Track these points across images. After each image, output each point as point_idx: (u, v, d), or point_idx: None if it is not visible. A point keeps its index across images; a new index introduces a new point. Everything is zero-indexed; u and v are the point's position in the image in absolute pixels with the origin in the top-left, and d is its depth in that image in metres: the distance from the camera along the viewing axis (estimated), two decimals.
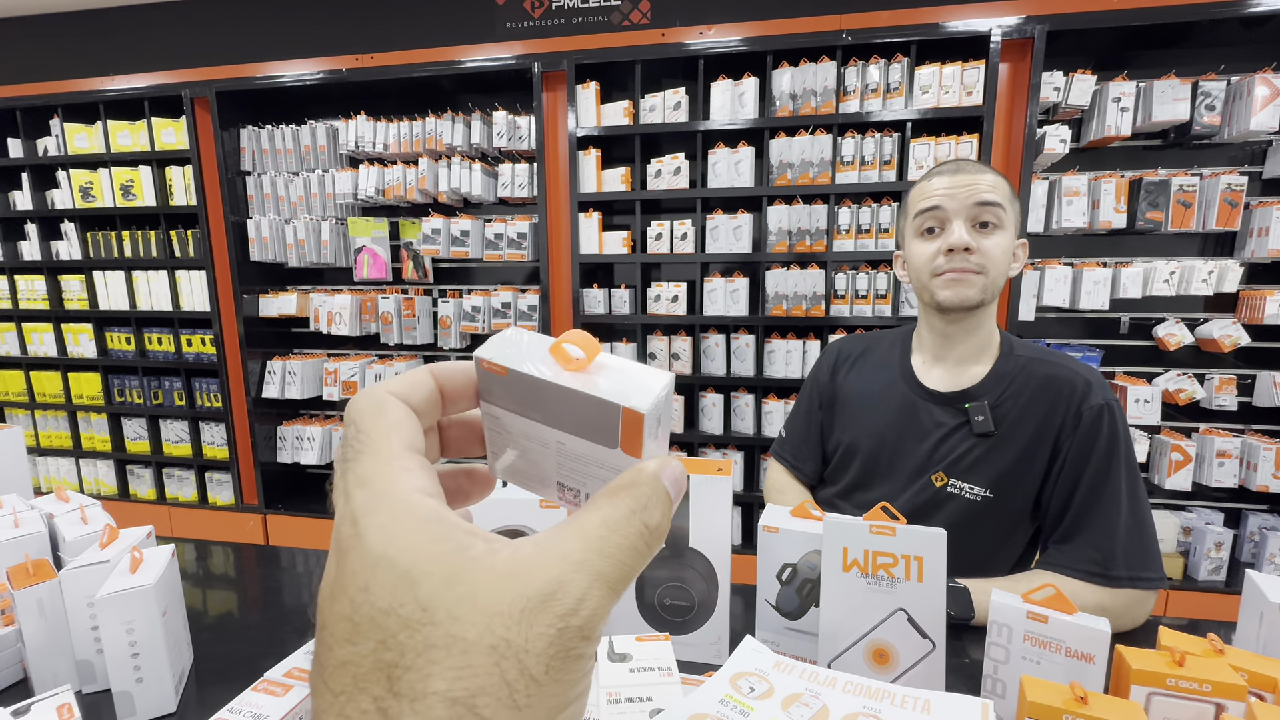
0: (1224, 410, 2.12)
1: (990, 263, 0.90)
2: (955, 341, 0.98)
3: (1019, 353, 0.97)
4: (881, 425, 1.03)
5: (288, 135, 2.58)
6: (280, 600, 1.09)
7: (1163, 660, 0.53)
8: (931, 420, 0.98)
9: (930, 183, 0.94)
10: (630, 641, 0.64)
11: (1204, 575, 2.12)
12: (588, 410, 0.23)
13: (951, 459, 0.95)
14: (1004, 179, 0.93)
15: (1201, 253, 2.17)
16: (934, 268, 0.93)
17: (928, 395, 1.00)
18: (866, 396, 1.06)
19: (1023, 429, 0.92)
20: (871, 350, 1.12)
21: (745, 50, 2.16)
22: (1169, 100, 1.97)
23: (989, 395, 0.95)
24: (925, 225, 0.94)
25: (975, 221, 0.90)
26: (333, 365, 2.66)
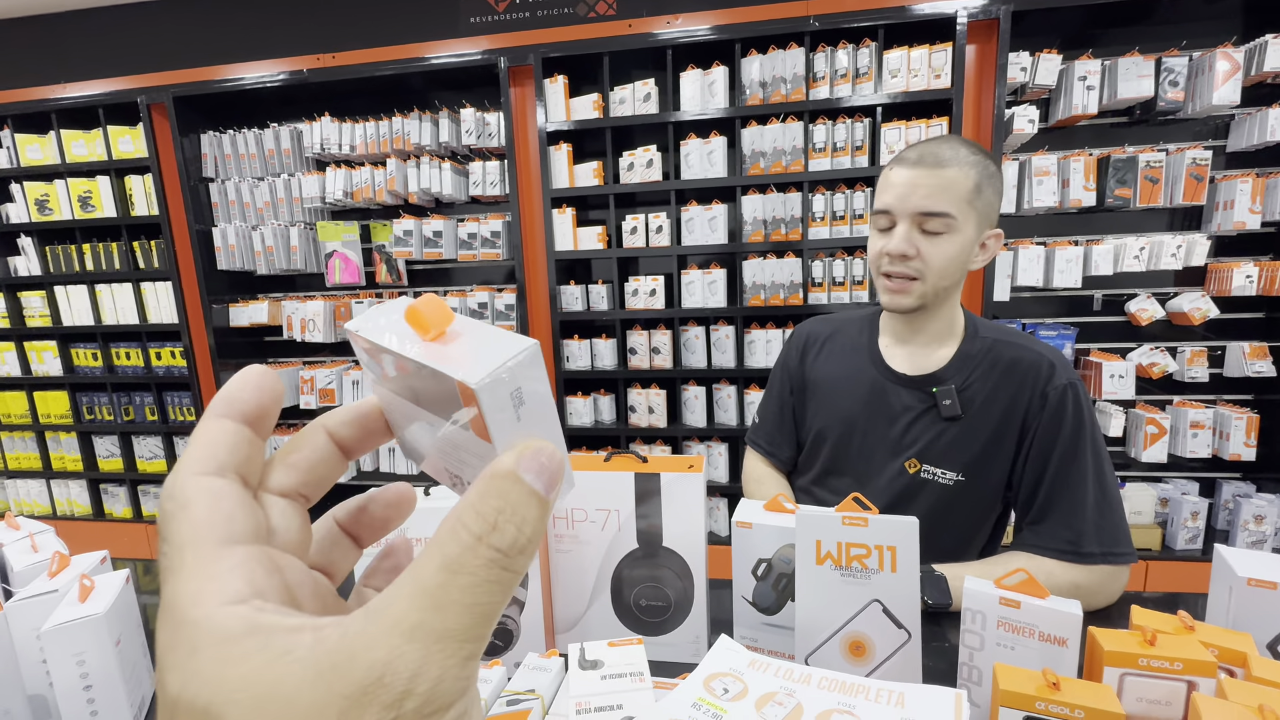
0: (1196, 382, 2.15)
1: (929, 269, 0.90)
2: (916, 328, 0.99)
3: (984, 334, 0.97)
4: (851, 409, 1.02)
5: (250, 139, 2.52)
6: None
7: (1134, 640, 0.52)
8: (900, 404, 0.98)
9: (891, 173, 0.93)
10: (602, 647, 0.62)
11: (1181, 545, 2.15)
12: (432, 385, 0.20)
13: (922, 444, 0.96)
14: (973, 170, 0.89)
15: (1170, 228, 2.19)
16: (878, 265, 0.95)
17: (895, 378, 1.00)
18: (836, 380, 1.06)
19: (990, 412, 0.93)
20: (840, 332, 1.10)
21: (713, 39, 2.14)
22: (1133, 77, 1.98)
23: (955, 378, 0.95)
24: (879, 224, 0.95)
25: (921, 227, 0.90)
26: (308, 373, 2.61)
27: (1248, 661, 0.50)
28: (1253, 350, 2.10)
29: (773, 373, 1.19)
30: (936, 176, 0.87)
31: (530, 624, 0.77)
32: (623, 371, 2.40)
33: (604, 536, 0.77)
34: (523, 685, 0.60)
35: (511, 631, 0.77)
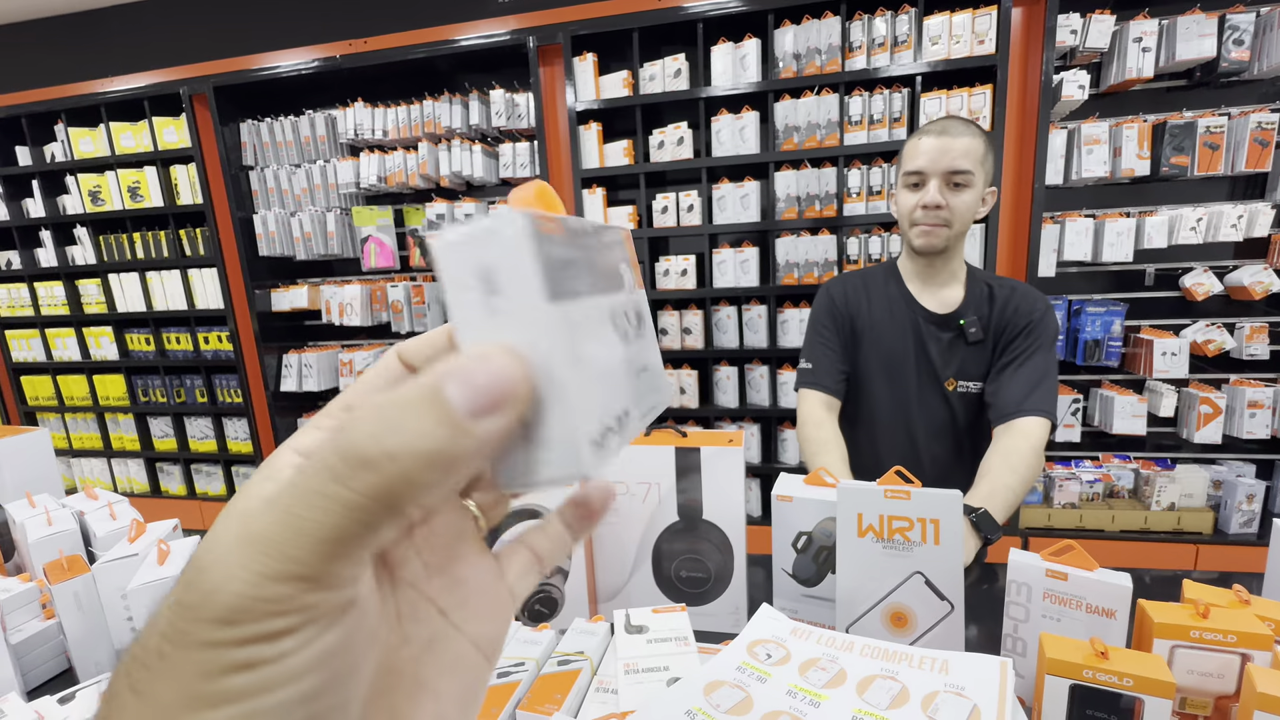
0: (1255, 360, 2.05)
1: (955, 217, 1.13)
2: (936, 269, 1.21)
3: (979, 278, 1.23)
4: (899, 346, 1.23)
5: (287, 127, 2.57)
6: None
7: (1186, 613, 0.51)
8: (934, 337, 1.21)
9: (920, 141, 1.13)
10: (647, 614, 0.64)
11: (1235, 528, 2.08)
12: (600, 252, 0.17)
13: (956, 366, 1.20)
14: (981, 140, 1.12)
15: (1230, 197, 2.08)
16: (913, 218, 1.16)
17: (928, 317, 1.22)
18: (882, 323, 1.24)
19: (996, 333, 1.19)
20: (869, 284, 1.28)
21: (746, 10, 2.09)
22: (1194, 37, 1.87)
23: (972, 311, 1.20)
24: (911, 181, 1.15)
25: (949, 182, 1.11)
26: (347, 356, 2.69)
27: None
28: None
29: (811, 323, 1.32)
30: (959, 143, 1.09)
31: (574, 593, 0.79)
32: None
33: (645, 509, 0.79)
34: (572, 647, 0.63)
35: (556, 600, 0.79)
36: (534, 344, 0.15)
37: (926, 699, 0.50)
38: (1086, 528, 2.17)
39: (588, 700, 0.58)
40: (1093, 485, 2.20)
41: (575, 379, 0.16)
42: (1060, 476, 2.20)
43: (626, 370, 0.18)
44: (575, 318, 0.17)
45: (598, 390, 0.17)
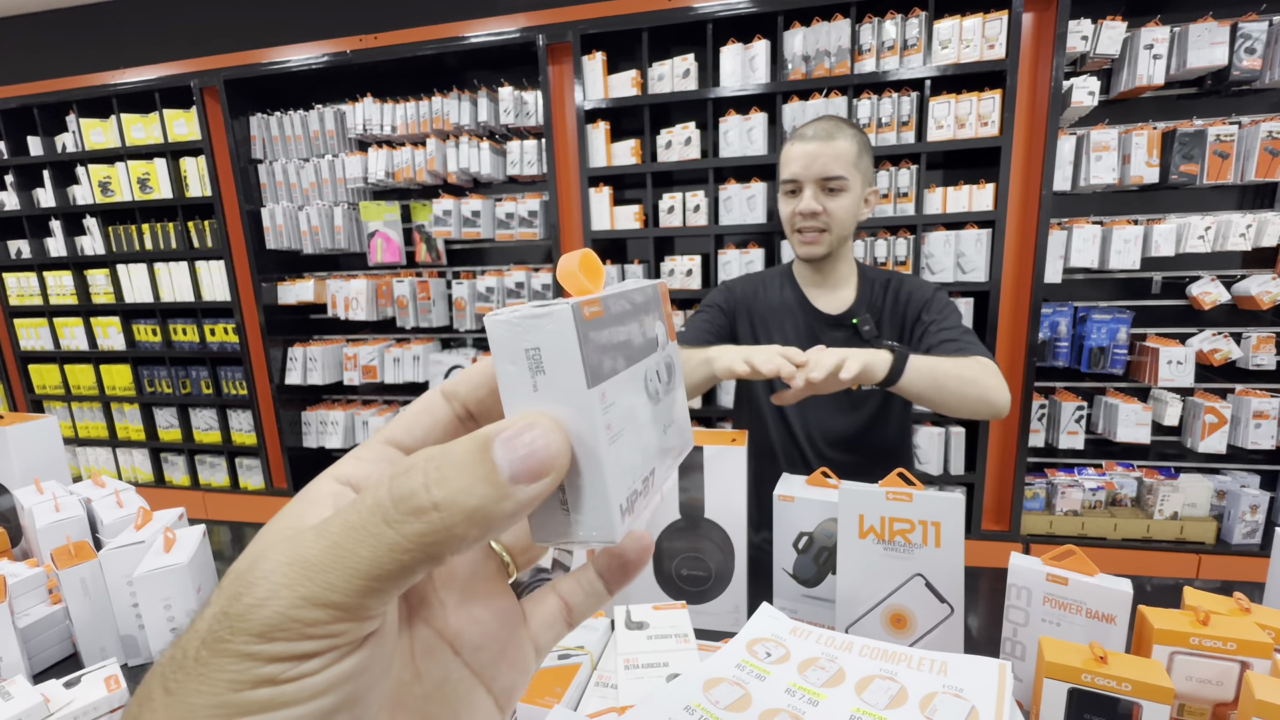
0: (1262, 370, 2.04)
1: (834, 222, 1.13)
2: (826, 273, 1.23)
3: (870, 275, 1.25)
4: (793, 346, 1.19)
5: (296, 121, 2.59)
6: None
7: (1186, 620, 0.51)
8: (828, 337, 1.21)
9: (793, 148, 1.13)
10: (647, 610, 0.64)
11: (1239, 539, 2.07)
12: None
13: None
14: (856, 142, 1.12)
15: (1239, 206, 2.07)
16: (793, 224, 1.17)
17: (821, 319, 1.22)
18: (776, 327, 1.24)
19: (893, 325, 1.20)
20: (766, 286, 1.28)
21: (755, 11, 2.09)
22: (1205, 45, 1.86)
23: (865, 309, 1.21)
24: (788, 189, 1.16)
25: (824, 188, 1.12)
26: (352, 350, 2.70)
27: None
28: None
29: (704, 310, 1.29)
30: (830, 148, 1.10)
31: None
32: None
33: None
34: (572, 641, 0.63)
35: None
36: (573, 421, 0.17)
37: (925, 700, 0.50)
38: (1089, 535, 2.16)
39: (587, 694, 0.58)
40: (1095, 493, 2.19)
41: (609, 454, 0.18)
42: (1063, 484, 2.20)
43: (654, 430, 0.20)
44: (611, 396, 0.18)
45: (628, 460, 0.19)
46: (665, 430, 0.20)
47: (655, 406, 0.20)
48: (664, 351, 0.22)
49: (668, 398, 0.21)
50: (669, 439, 0.20)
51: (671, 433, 0.20)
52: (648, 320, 0.21)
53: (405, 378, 2.65)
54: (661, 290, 0.23)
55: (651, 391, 0.20)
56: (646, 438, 0.19)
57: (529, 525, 0.19)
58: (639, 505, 0.19)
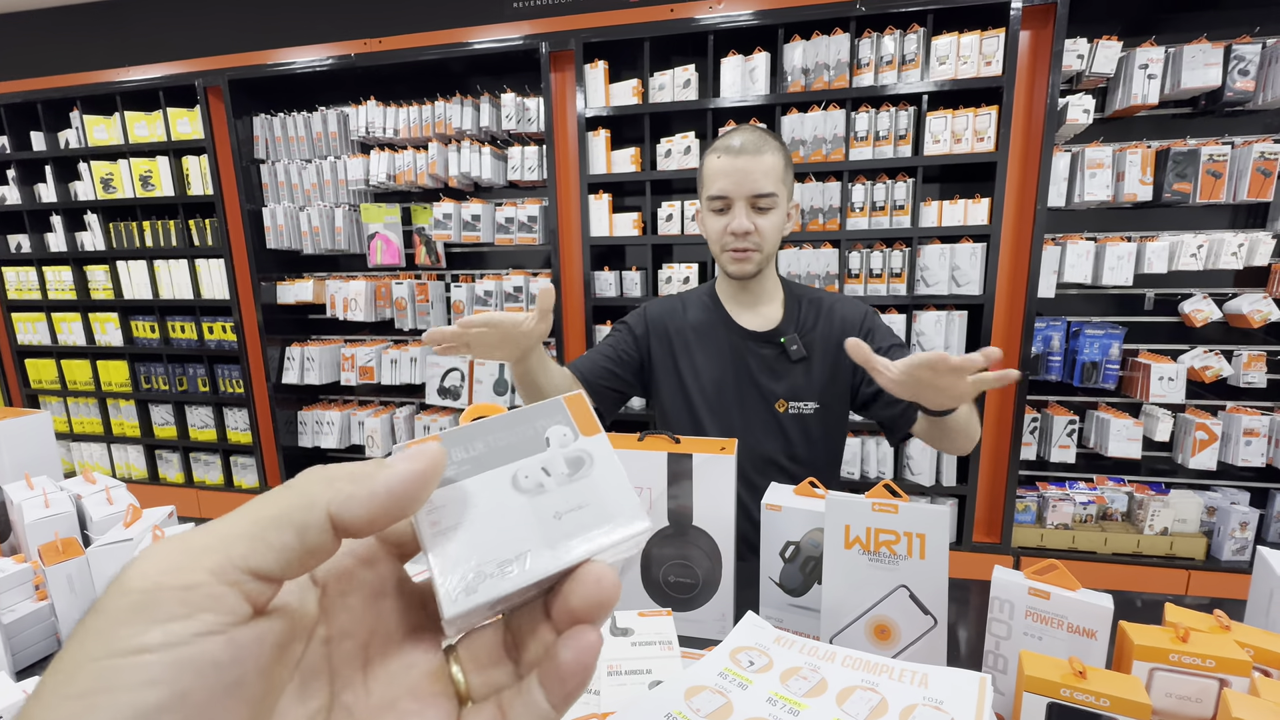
0: (1252, 388, 2.06)
1: (765, 240, 1.10)
2: (752, 291, 1.19)
3: (797, 292, 1.21)
4: (720, 370, 1.18)
5: (299, 122, 2.60)
6: None
7: (1166, 636, 0.52)
8: (756, 357, 1.16)
9: (720, 161, 1.08)
10: (632, 617, 0.65)
11: (1228, 555, 2.08)
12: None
13: (784, 386, 1.15)
14: (781, 154, 1.08)
15: (1231, 225, 2.09)
16: (723, 243, 1.12)
17: (748, 336, 1.18)
18: (699, 348, 1.20)
19: (825, 348, 1.15)
20: (687, 307, 1.24)
21: (756, 24, 2.11)
22: (1199, 65, 1.89)
23: (792, 327, 1.17)
24: (715, 206, 1.11)
25: (754, 205, 1.08)
26: (349, 351, 2.70)
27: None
28: None
29: (613, 333, 1.25)
30: (759, 162, 1.05)
31: None
32: None
33: None
34: None
35: None
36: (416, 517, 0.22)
37: (905, 711, 0.50)
38: (1079, 549, 2.17)
39: None
40: (1086, 507, 2.20)
41: (432, 543, 0.21)
42: (1054, 497, 2.20)
43: (529, 520, 0.22)
44: (441, 499, 0.22)
45: (464, 548, 0.21)
46: (559, 518, 0.23)
47: (535, 498, 0.23)
48: (562, 449, 0.25)
49: (564, 488, 0.24)
50: (566, 525, 0.22)
51: (576, 518, 0.23)
52: (536, 427, 0.25)
53: (402, 379, 2.65)
54: (571, 401, 0.26)
55: (527, 486, 0.23)
56: (511, 526, 0.22)
57: None
58: (484, 587, 0.21)
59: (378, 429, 2.70)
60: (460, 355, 0.95)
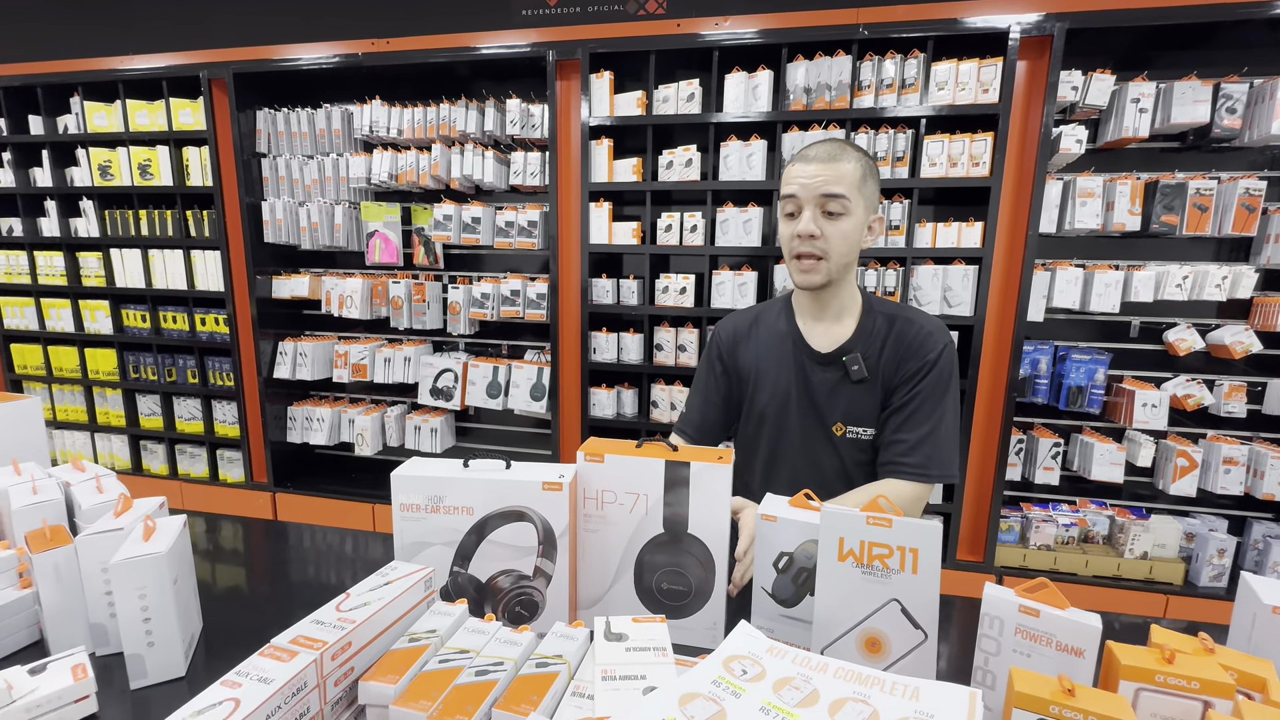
0: (1232, 417, 2.10)
1: (832, 248, 1.06)
2: (824, 304, 1.15)
3: (878, 309, 1.15)
4: (786, 389, 1.16)
5: (303, 118, 2.60)
6: (287, 574, 1.12)
7: (1152, 657, 0.53)
8: (820, 379, 1.14)
9: (793, 168, 1.07)
10: (627, 622, 0.65)
11: (1205, 581, 2.11)
12: None
13: (843, 409, 1.12)
14: (860, 164, 1.05)
15: (1216, 257, 2.14)
16: (791, 249, 1.09)
17: (814, 357, 1.14)
18: (767, 365, 1.18)
19: (887, 372, 1.10)
20: (760, 321, 1.23)
21: (760, 42, 2.15)
22: (1189, 102, 1.94)
23: (860, 347, 1.12)
24: (786, 209, 1.09)
25: (824, 209, 1.04)
26: (343, 348, 2.69)
27: (1267, 687, 0.51)
28: None
29: (699, 370, 1.28)
30: (833, 169, 1.03)
31: (556, 597, 0.80)
32: (647, 367, 2.43)
33: (631, 519, 0.80)
34: (550, 650, 0.64)
35: (537, 603, 0.80)
36: None
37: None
38: (1060, 570, 2.19)
39: (563, 704, 0.59)
40: (1069, 529, 2.23)
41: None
42: (1038, 518, 2.23)
43: None
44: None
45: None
46: None
47: None
48: None
49: None
50: None
51: None
52: None
53: (395, 378, 2.64)
54: None
55: None
56: None
57: None
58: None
59: (368, 427, 2.69)
60: None
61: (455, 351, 2.72)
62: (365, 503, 2.68)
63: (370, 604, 0.66)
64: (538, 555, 0.79)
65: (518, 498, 0.79)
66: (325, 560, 1.17)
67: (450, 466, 0.83)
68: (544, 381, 2.50)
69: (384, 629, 0.67)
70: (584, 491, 0.81)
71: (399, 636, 0.67)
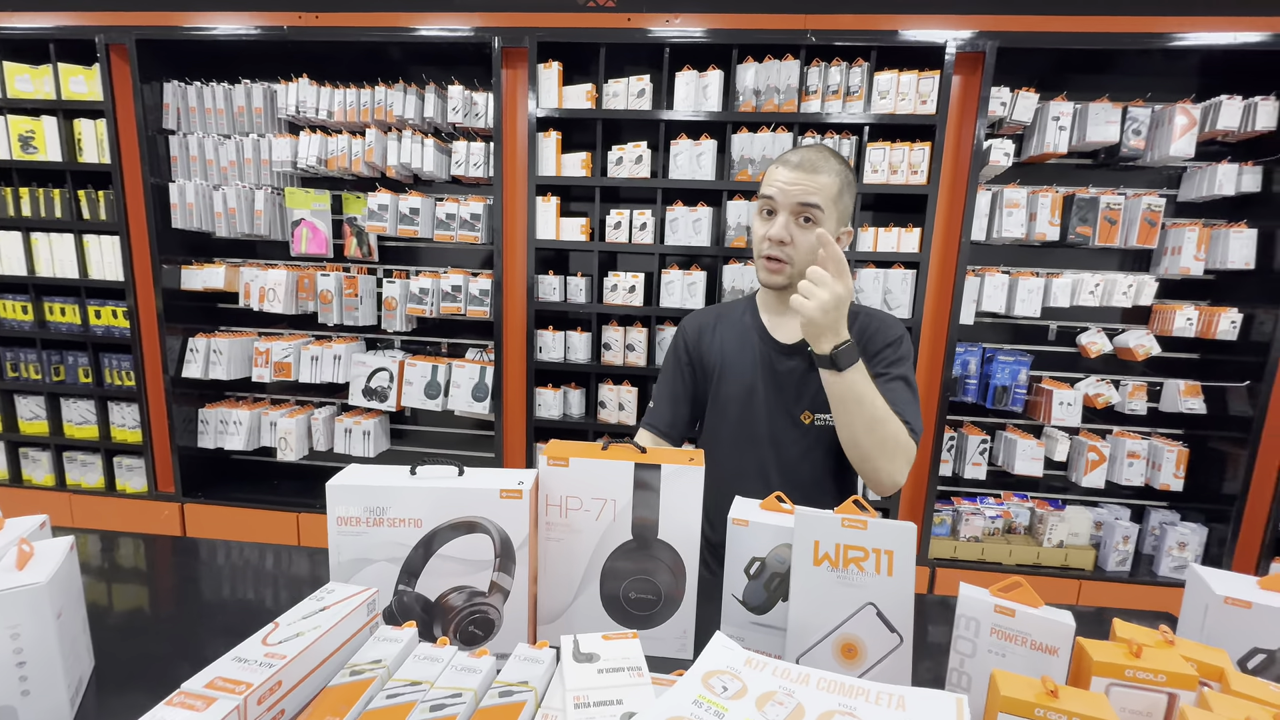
0: (1135, 414, 2.28)
1: (798, 255, 1.09)
2: (787, 301, 1.14)
3: None
4: (750, 380, 1.19)
5: (219, 94, 2.38)
6: (200, 599, 0.99)
7: (1121, 652, 0.54)
8: (786, 369, 1.17)
9: (775, 171, 1.10)
10: (596, 640, 0.61)
11: (1112, 566, 2.29)
12: None
13: (809, 398, 1.15)
14: (839, 177, 1.08)
15: (1121, 267, 2.33)
16: (760, 249, 1.13)
17: (779, 348, 1.18)
18: (732, 357, 1.21)
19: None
20: (725, 316, 1.27)
21: (711, 42, 2.14)
22: (1102, 122, 2.09)
23: None
24: (763, 209, 1.12)
25: (798, 217, 1.08)
26: (264, 345, 2.48)
27: (1225, 676, 0.53)
28: (1187, 388, 2.25)
29: (665, 364, 1.31)
30: (812, 179, 1.06)
31: (514, 614, 0.74)
32: (595, 366, 2.38)
33: (598, 526, 0.76)
34: (514, 676, 0.58)
35: (493, 621, 0.74)
36: None
37: None
38: (987, 560, 2.32)
39: None
40: (994, 521, 2.36)
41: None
42: (966, 511, 2.35)
43: None
44: None
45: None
46: None
47: None
48: None
49: None
50: None
51: None
52: None
53: (324, 378, 2.47)
54: None
55: None
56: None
57: None
58: None
59: (293, 430, 2.49)
60: None
61: (390, 350, 2.57)
62: (289, 512, 2.49)
63: (303, 634, 0.59)
64: (494, 569, 0.73)
65: (472, 507, 0.73)
66: (244, 581, 1.06)
67: (394, 474, 0.76)
68: (487, 381, 2.40)
69: (320, 662, 0.60)
70: (546, 498, 0.76)
71: (338, 669, 0.59)
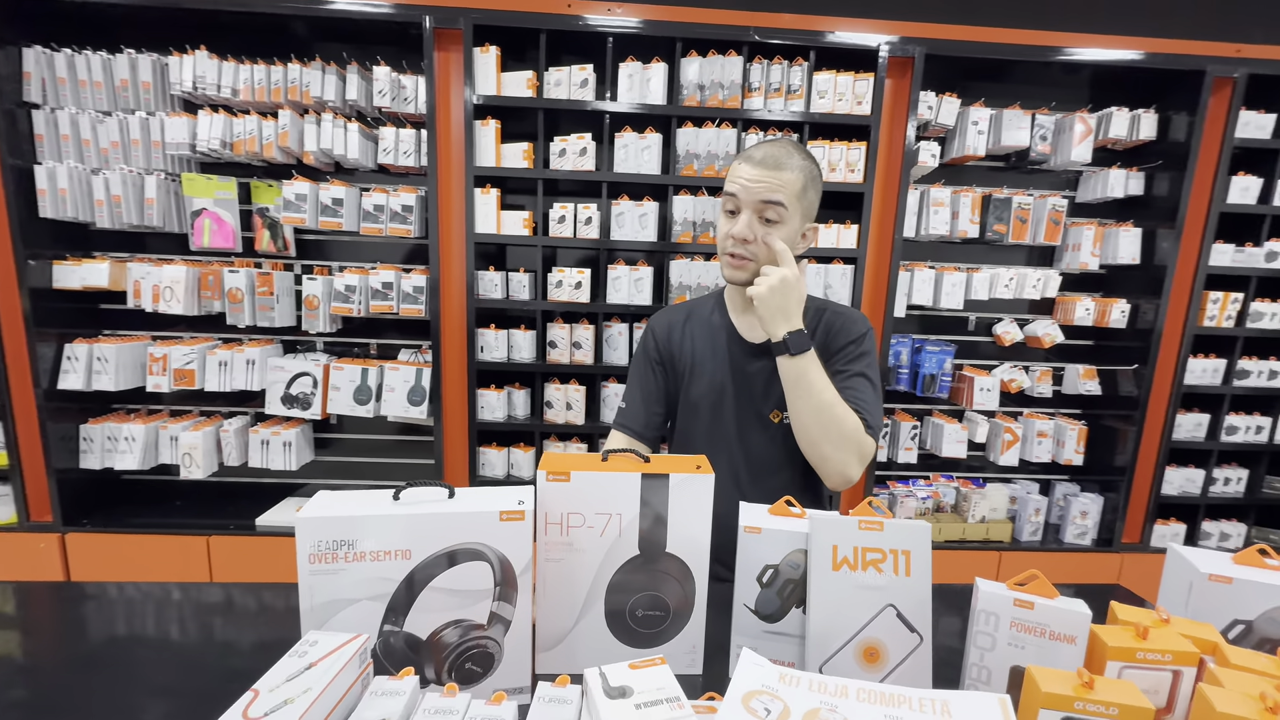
0: (1042, 397, 2.50)
1: (762, 253, 1.08)
2: None
3: (808, 303, 1.17)
4: (720, 378, 1.18)
5: (95, 64, 2.07)
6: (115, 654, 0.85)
7: (1129, 635, 0.57)
8: (755, 368, 1.16)
9: (738, 167, 1.08)
10: (624, 671, 0.56)
11: (1026, 537, 2.50)
12: None
13: (777, 396, 1.12)
14: (803, 173, 1.07)
15: (1030, 262, 2.53)
16: (724, 246, 1.11)
17: (747, 347, 1.17)
18: (702, 355, 1.20)
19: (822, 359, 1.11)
20: (694, 314, 1.25)
21: (652, 34, 2.11)
22: (1014, 128, 2.26)
23: None
24: (727, 206, 1.10)
25: (762, 215, 1.06)
26: (161, 350, 2.20)
27: (1218, 650, 0.57)
28: (1085, 372, 2.49)
29: (634, 364, 1.28)
30: (775, 176, 1.04)
31: (515, 646, 0.68)
32: (541, 365, 2.31)
33: (602, 543, 0.71)
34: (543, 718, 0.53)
35: (493, 655, 0.68)
36: None
37: None
38: None
39: None
40: (925, 501, 2.51)
41: None
42: (901, 494, 2.49)
43: None
44: None
45: None
46: None
47: None
48: None
49: None
50: None
51: None
52: None
53: (235, 385, 2.22)
54: None
55: None
56: None
57: None
58: None
59: (198, 444, 2.23)
60: None
61: (313, 353, 2.36)
62: (197, 535, 2.23)
63: (294, 700, 0.50)
64: (494, 599, 0.67)
65: (470, 533, 0.66)
66: (172, 626, 0.92)
67: (375, 500, 0.68)
68: (424, 384, 2.26)
69: None
70: (545, 516, 0.70)
71: None
